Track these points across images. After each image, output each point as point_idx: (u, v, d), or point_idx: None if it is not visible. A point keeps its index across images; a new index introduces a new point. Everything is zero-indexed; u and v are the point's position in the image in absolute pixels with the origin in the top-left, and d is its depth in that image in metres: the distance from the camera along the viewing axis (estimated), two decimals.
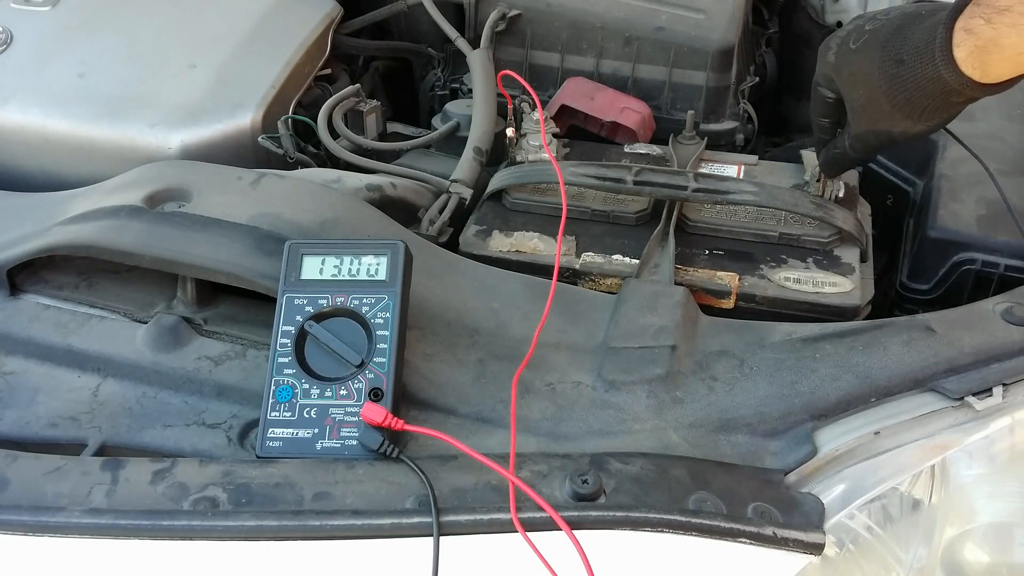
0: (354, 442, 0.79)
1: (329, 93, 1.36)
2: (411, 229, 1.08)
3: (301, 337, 0.84)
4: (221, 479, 0.76)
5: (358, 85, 1.32)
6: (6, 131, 1.22)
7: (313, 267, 0.87)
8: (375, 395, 0.81)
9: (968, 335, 0.89)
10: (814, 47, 1.63)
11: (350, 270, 0.86)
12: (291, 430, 0.80)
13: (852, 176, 1.20)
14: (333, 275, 0.86)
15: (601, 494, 0.75)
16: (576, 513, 0.74)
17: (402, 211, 1.15)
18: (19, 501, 0.75)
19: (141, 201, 1.00)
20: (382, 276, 0.86)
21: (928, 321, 0.91)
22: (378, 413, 0.78)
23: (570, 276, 1.07)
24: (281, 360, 0.83)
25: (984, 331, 0.89)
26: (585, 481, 0.75)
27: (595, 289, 1.06)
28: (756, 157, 1.27)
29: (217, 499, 0.74)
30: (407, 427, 0.80)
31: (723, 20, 1.36)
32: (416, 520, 0.73)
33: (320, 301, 0.85)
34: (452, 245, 1.11)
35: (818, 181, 1.13)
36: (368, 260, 0.87)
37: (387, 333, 0.83)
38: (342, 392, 0.81)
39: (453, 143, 1.29)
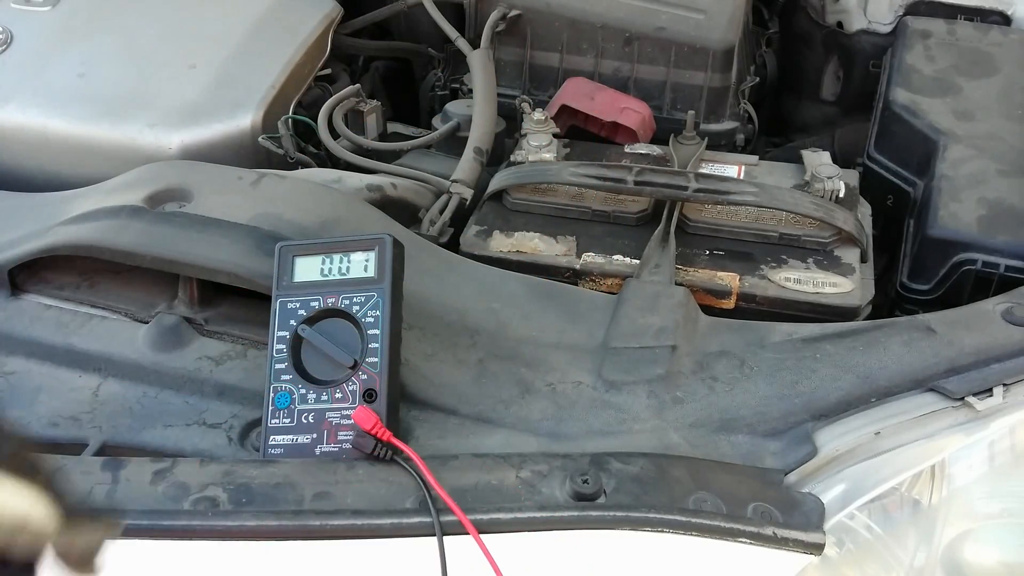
0: (351, 446, 0.78)
1: (329, 93, 1.36)
2: (412, 229, 1.08)
3: (296, 341, 0.82)
4: (221, 479, 0.76)
5: (358, 85, 1.32)
6: (6, 131, 1.22)
7: (305, 268, 0.85)
8: (369, 396, 0.79)
9: (968, 335, 0.89)
10: (814, 47, 1.65)
11: (340, 268, 0.84)
12: (291, 436, 0.79)
13: (852, 176, 1.20)
14: (324, 275, 0.84)
15: (601, 494, 0.75)
16: (576, 513, 0.74)
17: (402, 211, 1.15)
18: None
19: (142, 201, 1.00)
20: (371, 273, 0.83)
21: (928, 321, 0.91)
22: (368, 419, 0.77)
23: (570, 276, 1.08)
24: (278, 367, 0.82)
25: (984, 331, 0.89)
26: (585, 481, 0.75)
27: (595, 289, 1.06)
28: (756, 157, 1.27)
29: (217, 499, 0.74)
30: (392, 440, 0.77)
31: (723, 20, 1.36)
32: (416, 520, 0.73)
33: (312, 303, 0.83)
34: (453, 245, 1.11)
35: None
36: (358, 257, 0.84)
37: (378, 332, 0.80)
38: (337, 395, 0.80)
39: (453, 143, 1.29)
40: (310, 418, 0.80)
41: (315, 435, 0.79)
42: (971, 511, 0.85)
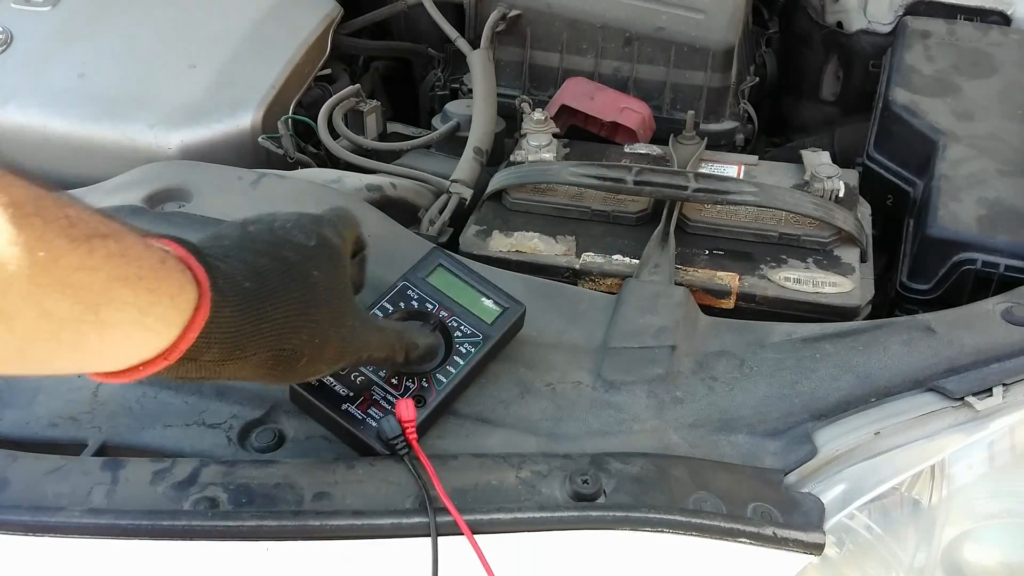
0: (373, 423, 0.79)
1: (329, 93, 1.36)
2: (411, 229, 1.08)
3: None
4: (221, 479, 0.76)
5: (358, 85, 1.33)
6: (6, 131, 1.22)
7: (442, 278, 0.89)
8: (418, 401, 0.81)
9: (968, 335, 0.89)
10: (814, 47, 1.66)
11: (468, 300, 0.88)
12: (332, 380, 0.80)
13: (852, 176, 1.20)
14: (451, 294, 0.88)
15: (601, 494, 0.75)
16: (576, 513, 0.74)
17: (402, 211, 1.15)
18: (19, 501, 0.75)
19: (141, 201, 1.00)
20: (489, 320, 0.88)
21: (928, 321, 0.91)
22: (408, 413, 0.78)
23: (570, 276, 1.08)
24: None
25: (984, 331, 0.89)
26: (585, 481, 0.75)
27: (595, 289, 1.06)
28: (756, 157, 1.27)
29: (217, 499, 0.74)
30: (416, 444, 0.78)
31: (723, 20, 1.36)
32: (416, 520, 0.73)
33: (427, 304, 0.87)
34: (452, 245, 1.11)
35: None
36: (487, 302, 0.89)
37: (461, 363, 0.84)
38: (393, 380, 0.82)
39: (453, 143, 1.29)
40: (359, 380, 0.81)
41: (352, 393, 0.80)
42: (971, 511, 0.85)
